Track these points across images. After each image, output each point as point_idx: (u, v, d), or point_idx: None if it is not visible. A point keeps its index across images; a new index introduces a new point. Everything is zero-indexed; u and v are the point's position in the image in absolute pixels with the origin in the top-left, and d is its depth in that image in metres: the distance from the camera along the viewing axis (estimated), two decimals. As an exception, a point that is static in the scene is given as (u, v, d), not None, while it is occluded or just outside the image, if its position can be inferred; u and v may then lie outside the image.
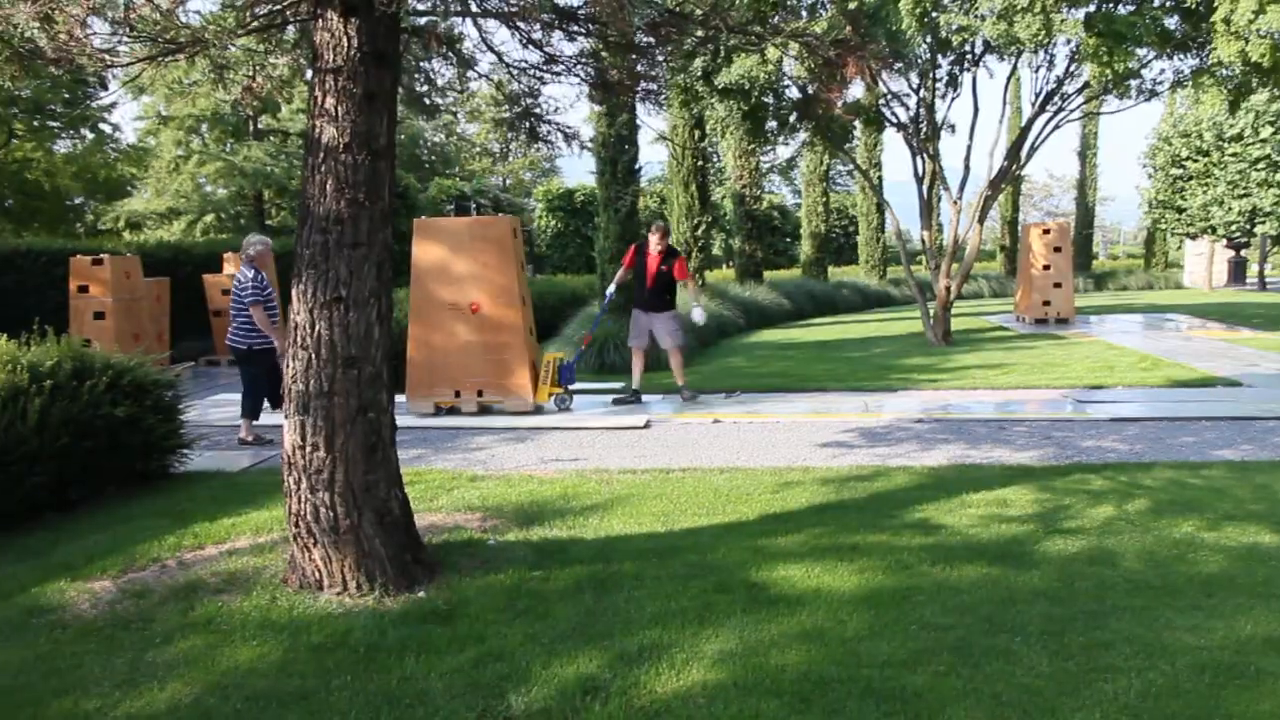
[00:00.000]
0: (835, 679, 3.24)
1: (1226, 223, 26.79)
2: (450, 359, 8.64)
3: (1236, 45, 11.03)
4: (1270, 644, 3.46)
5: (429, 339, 8.65)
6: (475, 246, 8.53)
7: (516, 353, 8.62)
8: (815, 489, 5.75)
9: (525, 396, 8.65)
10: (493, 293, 8.54)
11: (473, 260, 8.53)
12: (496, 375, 8.64)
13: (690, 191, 15.71)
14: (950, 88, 14.83)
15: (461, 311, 8.56)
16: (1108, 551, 4.50)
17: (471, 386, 8.66)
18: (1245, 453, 6.60)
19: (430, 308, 8.61)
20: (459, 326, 8.60)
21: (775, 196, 36.35)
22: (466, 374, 8.64)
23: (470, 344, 8.61)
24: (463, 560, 4.49)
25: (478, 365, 8.63)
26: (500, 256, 8.54)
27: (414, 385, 8.73)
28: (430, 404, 8.71)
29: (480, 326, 8.59)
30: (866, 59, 3.84)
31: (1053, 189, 56.86)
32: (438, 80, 6.52)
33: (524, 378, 8.63)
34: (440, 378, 8.68)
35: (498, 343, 8.61)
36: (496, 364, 8.63)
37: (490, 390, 8.69)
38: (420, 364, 8.68)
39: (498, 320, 8.59)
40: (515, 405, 8.68)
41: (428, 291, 8.62)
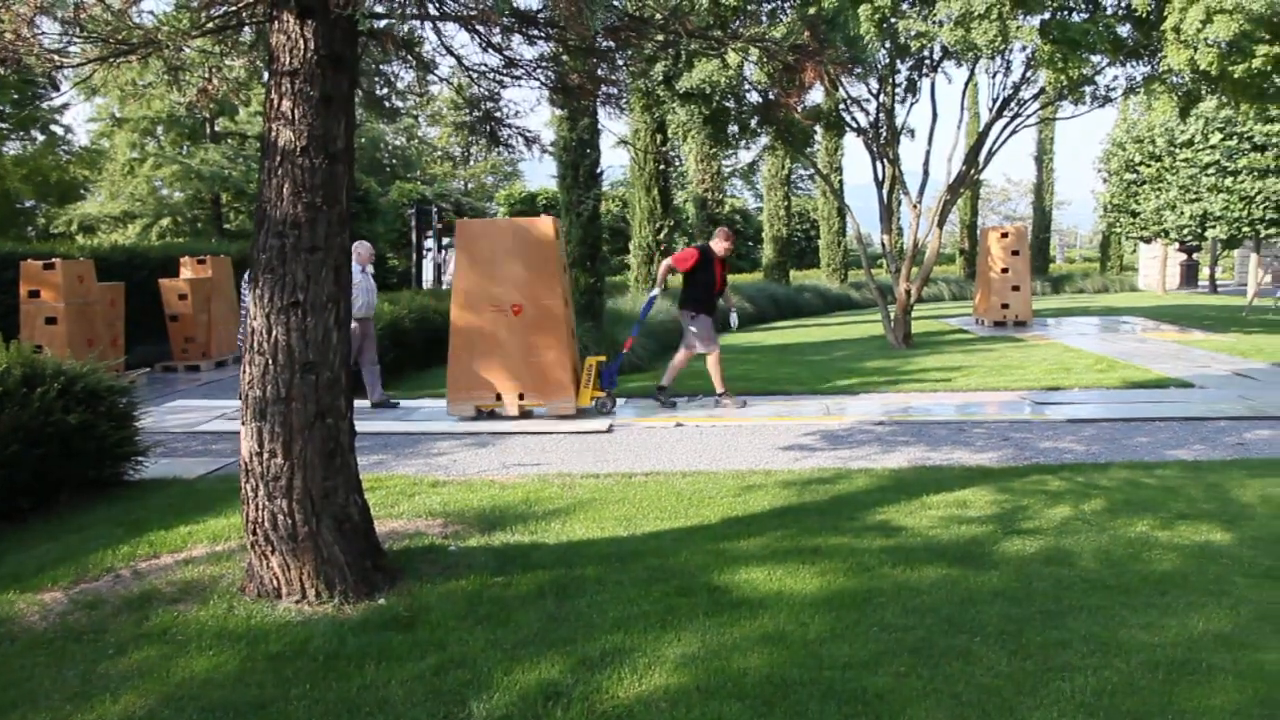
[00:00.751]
0: (797, 681, 3.25)
1: (1179, 226, 27.36)
2: (491, 362, 8.54)
3: (1186, 53, 11.28)
4: (1221, 640, 3.54)
5: (470, 341, 8.55)
6: (517, 247, 8.46)
7: (559, 355, 8.53)
8: (777, 492, 5.77)
9: (568, 399, 8.56)
10: (535, 294, 8.46)
11: (515, 261, 8.45)
12: (538, 378, 8.54)
13: (652, 195, 15.74)
14: (909, 93, 15.01)
15: (503, 313, 8.47)
16: (1065, 551, 4.57)
17: (513, 390, 8.57)
18: (1197, 452, 6.74)
19: (471, 310, 8.51)
20: (500, 328, 8.50)
21: (737, 200, 36.57)
22: (508, 377, 8.55)
23: (512, 346, 8.51)
24: (424, 566, 4.45)
25: (519, 368, 8.53)
26: (542, 257, 8.47)
27: (455, 388, 8.62)
28: (471, 407, 8.59)
29: (522, 328, 8.49)
30: (824, 64, 3.88)
31: (1011, 193, 57.73)
32: (398, 83, 6.47)
33: (567, 380, 8.55)
34: (481, 381, 8.56)
35: (540, 345, 8.50)
36: (539, 367, 8.52)
37: (531, 393, 8.58)
38: (461, 367, 8.57)
39: (540, 322, 8.50)
40: (557, 408, 8.58)
41: (468, 293, 8.52)
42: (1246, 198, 25.34)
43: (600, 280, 11.87)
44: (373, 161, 33.24)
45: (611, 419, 8.44)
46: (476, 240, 8.58)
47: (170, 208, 26.61)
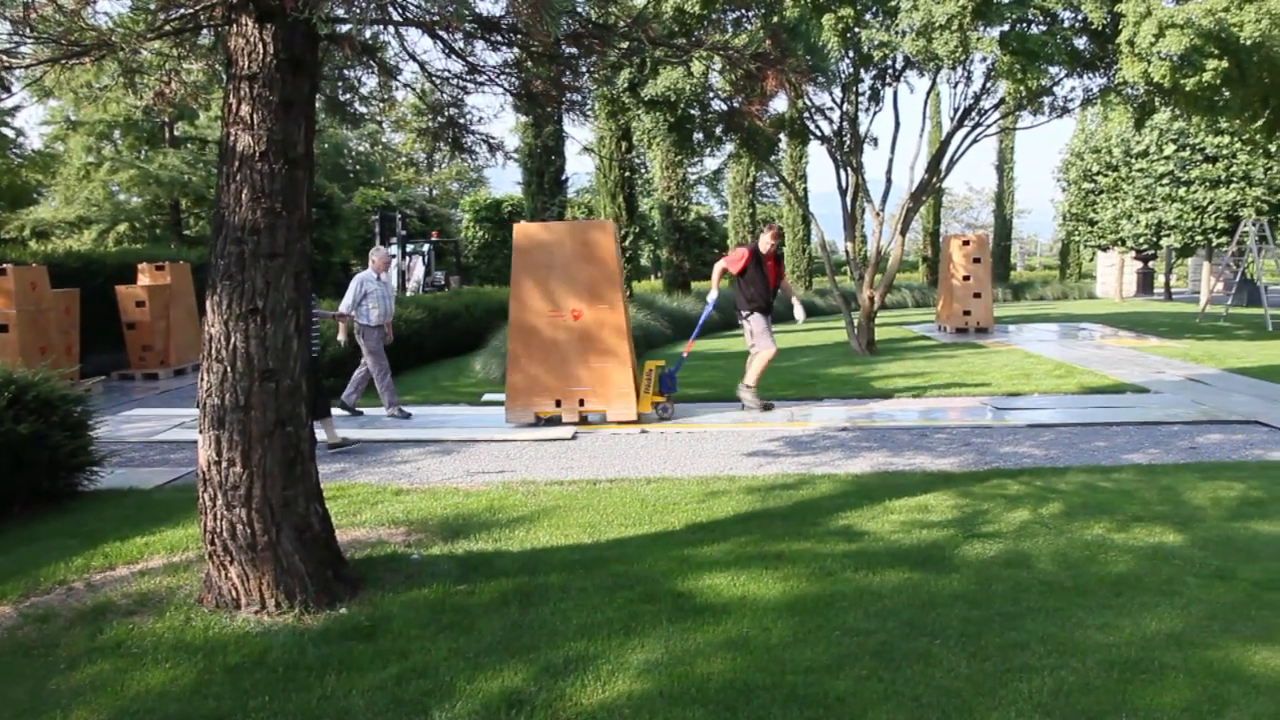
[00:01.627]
0: (760, 686, 3.26)
1: (1135, 235, 27.90)
2: (551, 368, 8.45)
3: (1140, 66, 11.52)
4: (1173, 639, 3.60)
5: (528, 347, 8.48)
6: (577, 251, 8.40)
7: (620, 360, 8.45)
8: (741, 498, 5.80)
9: (629, 405, 8.48)
10: (595, 299, 8.39)
11: (574, 265, 8.38)
12: (599, 384, 8.47)
13: (617, 202, 15.75)
14: (873, 102, 15.18)
15: (562, 318, 8.40)
16: (1024, 554, 4.63)
17: (572, 396, 8.48)
18: (1152, 456, 6.86)
19: (531, 315, 8.45)
20: (560, 334, 8.42)
21: (703, 208, 36.71)
22: (568, 383, 8.46)
23: (572, 352, 8.42)
24: (386, 575, 4.41)
25: (580, 374, 8.44)
26: (602, 261, 8.41)
27: (513, 395, 8.51)
28: (530, 414, 8.49)
29: (582, 334, 8.43)
30: (786, 72, 3.91)
31: (973, 201, 58.57)
32: (361, 88, 6.43)
33: (628, 386, 8.47)
34: (540, 387, 8.47)
35: (600, 350, 8.42)
36: (600, 372, 8.44)
37: (592, 399, 8.50)
38: (520, 373, 8.49)
39: (600, 327, 8.43)
40: (618, 414, 8.50)
41: (528, 298, 8.45)
42: (1199, 207, 25.90)
43: (565, 287, 11.83)
44: (336, 167, 32.95)
45: (575, 426, 8.42)
46: (535, 244, 8.49)
47: (128, 213, 26.17)
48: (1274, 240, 20.75)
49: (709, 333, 18.56)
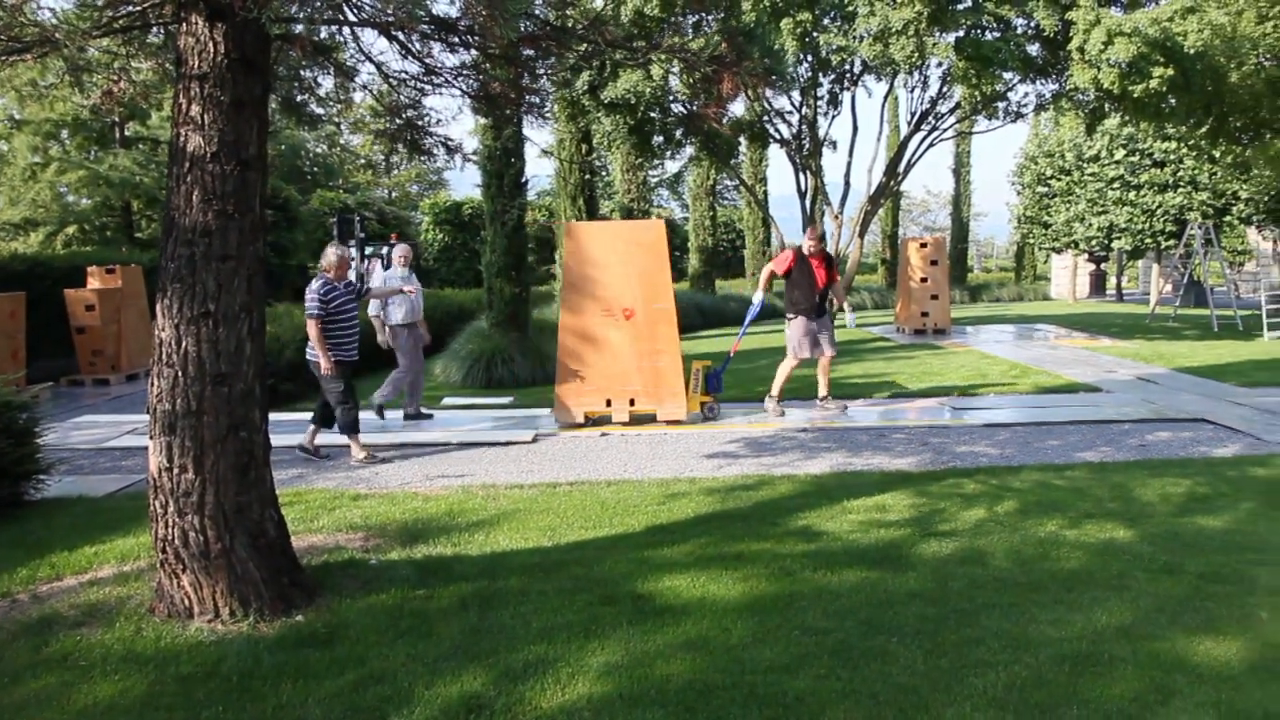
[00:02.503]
0: (719, 686, 3.28)
1: (1087, 238, 28.43)
2: (602, 367, 8.40)
3: (1090, 73, 11.77)
4: (1122, 632, 3.68)
5: (579, 347, 8.42)
6: (629, 250, 8.37)
7: (672, 359, 8.43)
8: (701, 499, 5.82)
9: (680, 404, 8.45)
10: (647, 298, 8.36)
11: (627, 264, 8.35)
12: (651, 383, 8.43)
13: (578, 205, 15.74)
14: (831, 106, 15.35)
15: (614, 317, 8.35)
16: (979, 552, 4.70)
17: (624, 395, 8.44)
18: (1104, 454, 7.00)
19: (582, 314, 8.40)
20: (612, 333, 8.38)
21: (664, 210, 36.81)
22: (619, 382, 8.41)
23: (624, 351, 8.38)
24: (344, 581, 4.36)
25: (631, 373, 8.40)
26: (655, 260, 8.39)
27: (563, 395, 8.47)
28: (580, 414, 8.43)
29: (634, 333, 8.39)
30: (742, 75, 3.94)
31: (930, 204, 59.31)
32: (318, 89, 6.36)
33: (679, 385, 8.45)
34: (591, 386, 8.43)
35: (652, 349, 8.39)
36: (651, 372, 8.40)
37: (643, 399, 8.46)
38: (569, 373, 8.44)
39: (652, 326, 8.39)
40: (668, 414, 8.47)
41: (579, 297, 8.41)
42: (1148, 211, 26.48)
43: (525, 290, 11.80)
44: (293, 169, 32.53)
45: (536, 429, 8.39)
46: (587, 244, 8.48)
47: (77, 215, 25.58)
48: (1218, 243, 21.27)
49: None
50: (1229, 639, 3.62)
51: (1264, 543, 4.79)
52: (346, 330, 7.14)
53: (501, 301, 11.52)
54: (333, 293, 7.08)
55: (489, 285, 11.68)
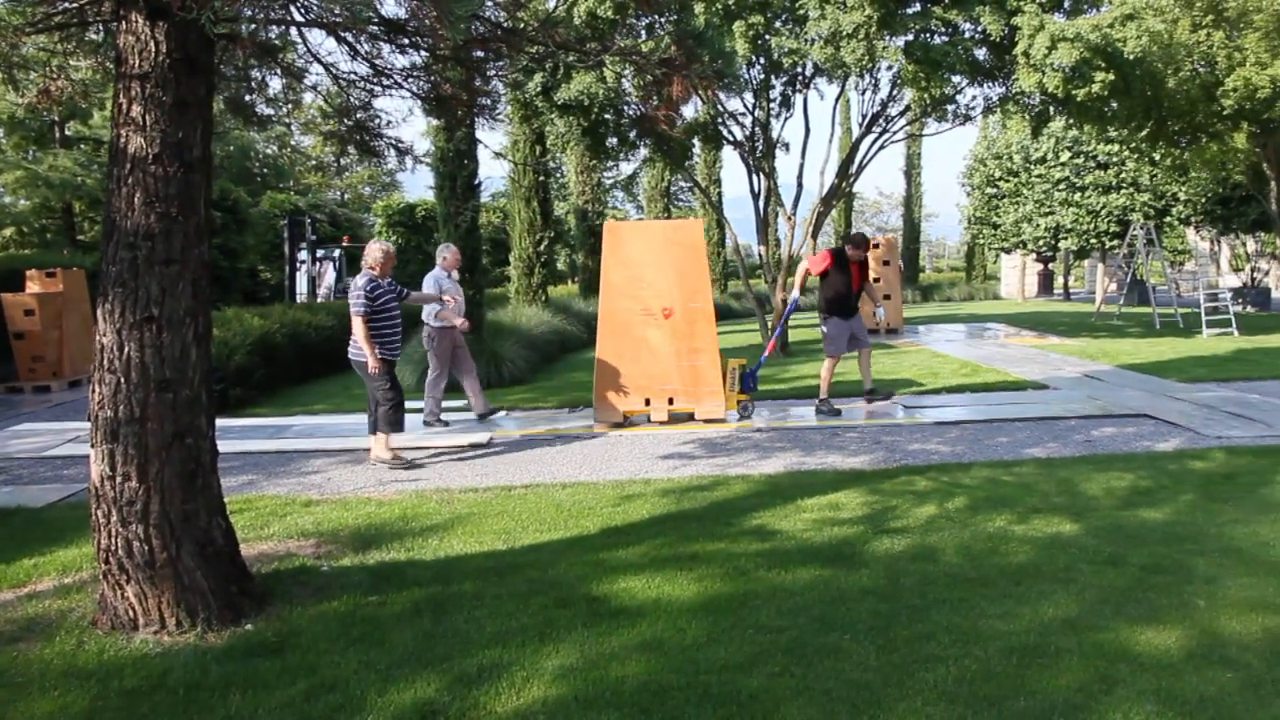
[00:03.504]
0: (674, 687, 3.28)
1: (1035, 238, 29.00)
2: (641, 366, 8.43)
3: (1035, 77, 11.99)
4: (1068, 624, 3.76)
5: (619, 346, 8.45)
6: (669, 250, 8.43)
7: (710, 359, 8.49)
8: (656, 500, 5.83)
9: (719, 403, 8.48)
10: (686, 297, 8.42)
11: (666, 264, 8.39)
12: (690, 383, 8.47)
13: (532, 207, 15.68)
14: (784, 108, 15.44)
15: (654, 317, 8.39)
16: (930, 548, 4.77)
17: (662, 395, 8.47)
18: (1051, 450, 7.14)
19: (621, 314, 8.42)
20: (651, 332, 8.42)
21: (619, 212, 36.81)
22: (658, 381, 8.44)
23: (663, 351, 8.43)
24: (295, 589, 4.30)
25: (670, 373, 8.43)
26: (694, 260, 8.46)
27: (602, 394, 8.48)
28: (619, 413, 8.47)
29: (673, 332, 8.43)
30: (692, 77, 3.95)
31: (882, 206, 60.09)
32: (266, 90, 6.26)
33: (718, 385, 8.48)
34: (631, 386, 8.46)
35: (691, 349, 8.44)
36: (690, 371, 8.44)
37: (682, 398, 8.50)
38: (610, 372, 8.45)
39: (691, 326, 8.44)
40: (707, 413, 8.51)
41: (618, 297, 8.43)
42: (1093, 211, 27.08)
43: (480, 293, 11.73)
44: (242, 170, 31.97)
45: (491, 432, 8.34)
46: (626, 244, 8.51)
47: (14, 217, 24.87)
48: (1159, 243, 21.81)
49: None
50: (1169, 628, 3.71)
51: (1202, 533, 4.92)
52: (391, 327, 7.04)
53: (455, 304, 11.43)
54: (378, 289, 6.97)
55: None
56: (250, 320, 10.93)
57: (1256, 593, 4.08)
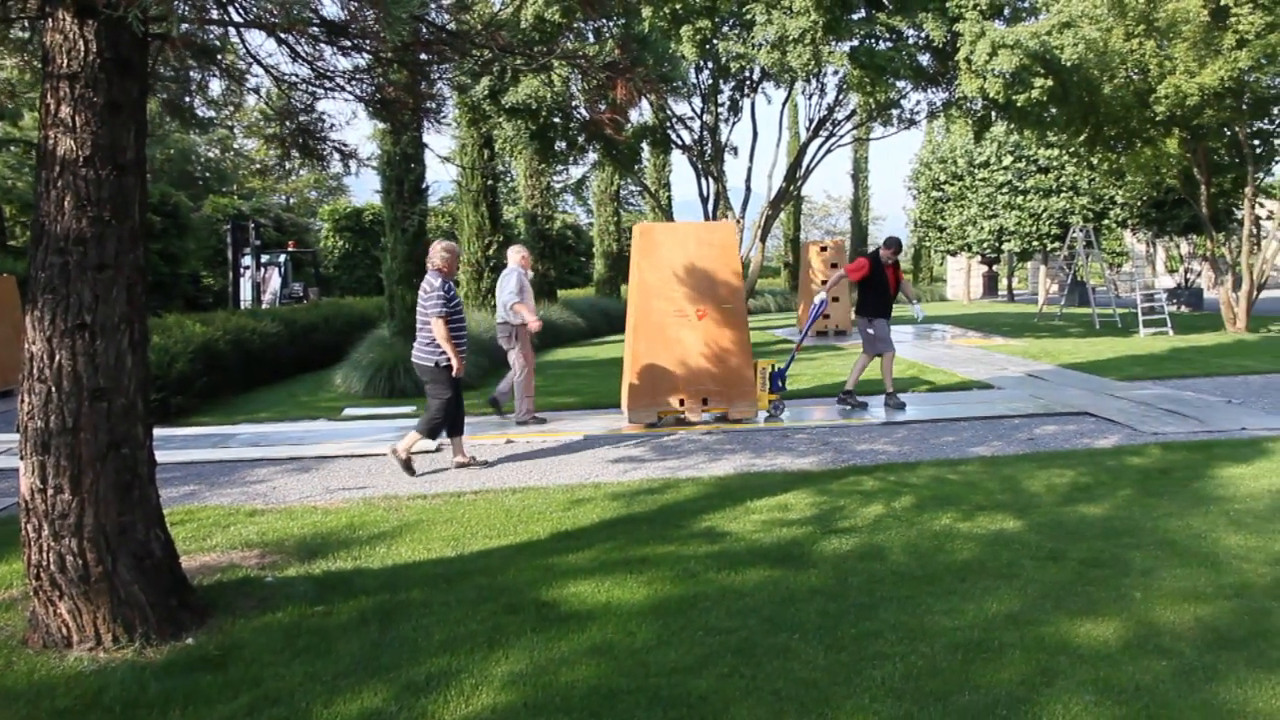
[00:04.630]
0: (624, 690, 3.28)
1: (979, 241, 29.58)
2: (675, 367, 8.45)
3: (977, 82, 12.24)
4: (1011, 619, 3.83)
5: (652, 347, 8.44)
6: (701, 252, 8.46)
7: (743, 359, 8.54)
8: (606, 504, 5.81)
9: (752, 403, 8.55)
10: (719, 298, 8.46)
11: (699, 265, 8.43)
12: (723, 383, 8.51)
13: (481, 211, 15.59)
14: (732, 112, 15.57)
15: (687, 318, 8.41)
16: (877, 547, 4.82)
17: (696, 395, 8.49)
18: (996, 448, 7.27)
19: (654, 315, 8.43)
20: (685, 333, 8.44)
21: (569, 216, 36.75)
22: (692, 382, 8.47)
23: (696, 351, 8.46)
24: (238, 601, 4.21)
25: (704, 373, 8.47)
26: (726, 261, 8.51)
27: (636, 395, 8.48)
28: (653, 414, 8.48)
29: (706, 333, 8.46)
30: (635, 81, 3.96)
31: (831, 209, 60.78)
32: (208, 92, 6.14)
33: (751, 385, 8.55)
34: (664, 386, 8.47)
35: (724, 349, 8.48)
36: (724, 371, 8.49)
37: (715, 398, 8.54)
38: (643, 373, 8.45)
39: (724, 326, 8.50)
40: (740, 412, 8.58)
41: (651, 299, 8.43)
42: (1035, 214, 27.70)
43: (429, 297, 11.61)
44: (183, 174, 31.33)
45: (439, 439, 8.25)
46: (659, 245, 8.52)
47: (-56, 223, 24.08)
48: (1098, 246, 22.35)
49: (577, 341, 18.58)
50: (1107, 620, 3.80)
51: (1139, 527, 5.05)
52: (462, 328, 6.94)
53: (404, 309, 11.31)
54: (451, 290, 6.86)
55: (390, 293, 11.47)
56: (192, 327, 10.69)
57: (1189, 583, 4.20)
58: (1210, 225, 17.86)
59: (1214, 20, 14.20)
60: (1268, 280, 18.56)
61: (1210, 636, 3.64)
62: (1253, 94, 15.30)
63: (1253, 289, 17.17)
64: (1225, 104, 14.95)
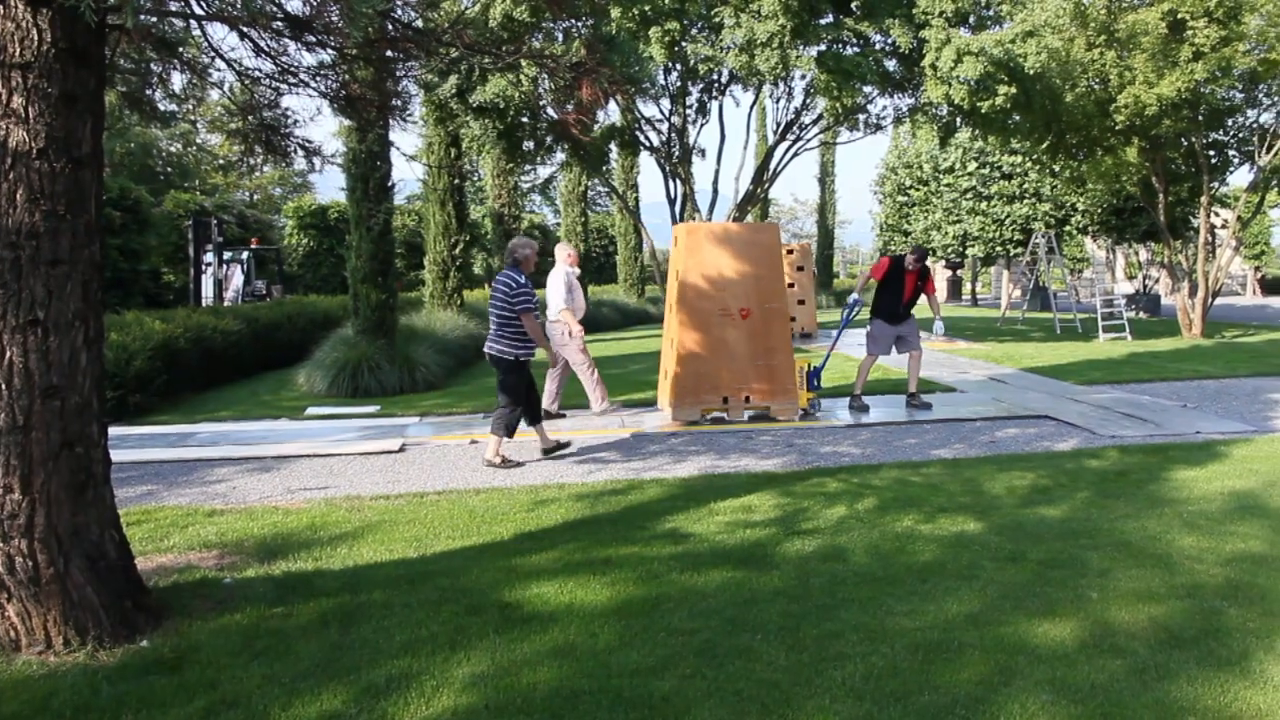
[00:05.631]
0: (586, 691, 3.27)
1: (944, 245, 29.90)
2: (719, 365, 8.58)
3: (942, 89, 12.38)
4: (971, 620, 3.87)
5: (697, 345, 8.57)
6: (746, 251, 8.61)
7: (786, 357, 8.70)
8: (570, 505, 5.80)
9: (794, 400, 8.71)
10: (762, 297, 8.60)
11: (744, 265, 8.57)
12: (766, 381, 8.65)
13: (447, 210, 15.48)
14: (700, 114, 15.62)
15: (731, 317, 8.55)
16: (840, 548, 4.86)
17: (740, 393, 8.62)
18: (958, 451, 7.35)
19: (698, 314, 8.56)
20: (729, 332, 8.58)
21: (536, 216, 36.63)
22: (736, 380, 8.59)
23: (740, 350, 8.59)
24: (195, 602, 4.14)
25: (747, 371, 8.60)
26: (770, 261, 8.70)
27: (680, 393, 8.60)
28: (696, 411, 8.62)
29: (750, 332, 8.60)
30: (601, 81, 3.95)
31: (798, 212, 61.21)
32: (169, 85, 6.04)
33: (794, 383, 8.71)
34: (708, 384, 8.59)
35: (767, 348, 8.62)
36: (767, 369, 8.62)
37: (758, 396, 8.67)
38: (688, 371, 8.58)
39: (768, 325, 8.63)
40: (782, 410, 8.71)
41: (695, 297, 8.56)
42: (998, 220, 28.06)
43: (393, 296, 11.52)
44: (144, 168, 30.83)
45: (403, 439, 8.20)
46: (704, 245, 8.65)
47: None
48: (1060, 252, 22.70)
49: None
50: (1064, 620, 3.86)
51: (1096, 529, 5.13)
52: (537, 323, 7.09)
53: (368, 308, 11.21)
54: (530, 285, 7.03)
55: (355, 291, 11.35)
56: (151, 324, 10.50)
57: (1144, 584, 4.28)
58: (1168, 233, 18.20)
59: (1171, 33, 14.48)
60: (1222, 287, 18.94)
61: (1163, 636, 3.71)
62: (1208, 105, 15.62)
63: (1208, 295, 17.52)
64: (1182, 115, 15.25)
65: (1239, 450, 7.17)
